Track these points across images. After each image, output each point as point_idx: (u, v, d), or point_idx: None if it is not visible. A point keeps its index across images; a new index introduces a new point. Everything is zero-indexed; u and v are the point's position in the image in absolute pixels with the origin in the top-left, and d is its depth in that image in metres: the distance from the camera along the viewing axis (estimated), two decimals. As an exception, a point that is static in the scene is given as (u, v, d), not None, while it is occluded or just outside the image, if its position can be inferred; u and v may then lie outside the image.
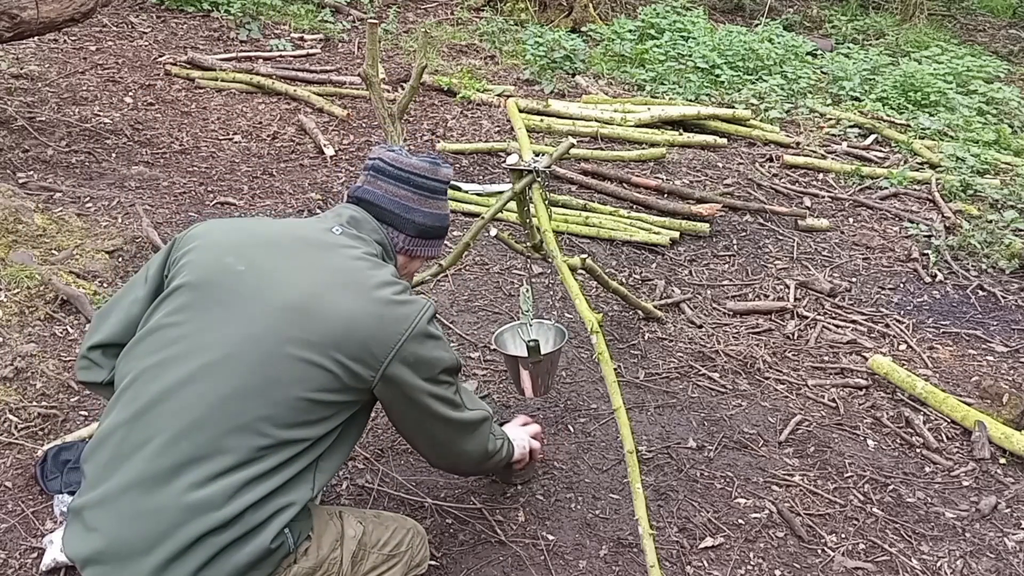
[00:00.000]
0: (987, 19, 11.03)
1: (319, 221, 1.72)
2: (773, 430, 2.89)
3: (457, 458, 1.88)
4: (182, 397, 1.43)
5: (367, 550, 1.72)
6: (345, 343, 1.50)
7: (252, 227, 1.69)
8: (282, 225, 1.72)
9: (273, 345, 1.47)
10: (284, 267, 1.55)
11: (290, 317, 1.49)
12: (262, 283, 1.52)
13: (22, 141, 4.46)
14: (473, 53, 7.14)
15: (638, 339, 3.36)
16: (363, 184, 1.79)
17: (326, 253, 1.60)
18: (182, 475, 1.38)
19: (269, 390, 1.45)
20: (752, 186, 4.93)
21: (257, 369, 1.45)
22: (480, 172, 4.80)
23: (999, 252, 4.25)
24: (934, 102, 6.67)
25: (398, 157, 1.80)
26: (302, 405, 1.47)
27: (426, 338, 1.61)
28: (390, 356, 1.55)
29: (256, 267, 1.54)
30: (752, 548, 2.38)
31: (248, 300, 1.50)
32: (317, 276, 1.55)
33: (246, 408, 1.43)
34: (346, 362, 1.50)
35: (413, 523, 1.89)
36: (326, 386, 1.49)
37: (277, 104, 5.53)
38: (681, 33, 7.79)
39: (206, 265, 1.55)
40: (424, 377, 1.62)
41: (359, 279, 1.57)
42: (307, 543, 1.57)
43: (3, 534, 2.22)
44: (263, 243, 1.60)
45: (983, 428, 2.85)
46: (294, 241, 1.61)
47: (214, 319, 1.49)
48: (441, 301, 3.50)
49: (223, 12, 6.97)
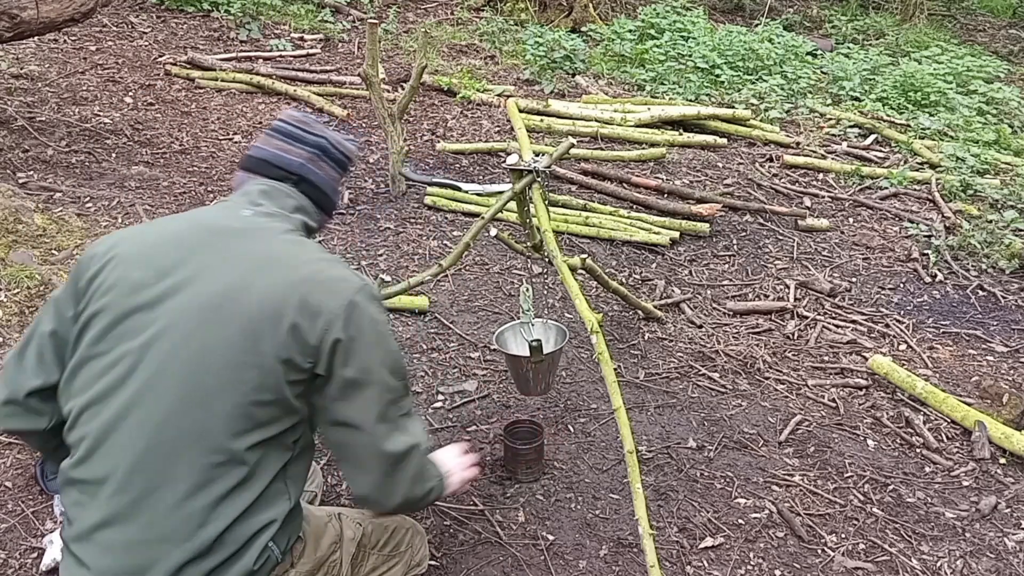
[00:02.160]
0: (987, 19, 11.03)
1: (226, 206, 1.55)
2: (773, 430, 2.89)
3: (391, 467, 1.51)
4: (124, 430, 1.35)
5: (367, 551, 1.72)
6: (275, 332, 1.36)
7: (156, 231, 1.51)
8: (187, 220, 1.53)
9: (196, 355, 1.35)
10: (195, 268, 1.41)
11: (209, 321, 1.36)
12: (175, 291, 1.39)
13: (22, 141, 4.46)
14: (473, 53, 7.14)
15: (638, 339, 3.36)
16: (305, 162, 1.61)
17: (237, 240, 1.45)
18: (144, 510, 1.34)
19: (205, 403, 1.34)
20: (752, 186, 4.93)
21: (186, 384, 1.34)
22: (480, 172, 4.80)
23: (999, 252, 4.25)
24: (934, 102, 6.67)
25: (341, 140, 1.67)
26: (243, 411, 1.35)
27: (373, 300, 1.46)
28: (334, 323, 1.39)
29: (167, 275, 1.40)
30: (752, 548, 2.38)
31: (163, 313, 1.38)
32: (231, 269, 1.41)
33: (185, 428, 1.34)
34: (281, 352, 1.36)
35: (412, 522, 1.88)
36: (264, 384, 1.36)
37: (277, 104, 5.53)
38: (681, 33, 7.79)
39: (116, 285, 1.41)
40: (376, 356, 1.44)
41: (281, 259, 1.44)
42: (299, 545, 1.54)
43: (3, 534, 2.22)
44: (171, 246, 1.45)
45: (983, 428, 2.84)
46: (202, 235, 1.46)
47: (135, 342, 1.37)
48: (441, 301, 3.50)
49: (223, 12, 6.97)
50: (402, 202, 4.34)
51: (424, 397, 2.93)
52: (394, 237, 4.00)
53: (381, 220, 4.15)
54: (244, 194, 1.57)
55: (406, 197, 4.39)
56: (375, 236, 4.00)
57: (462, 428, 2.80)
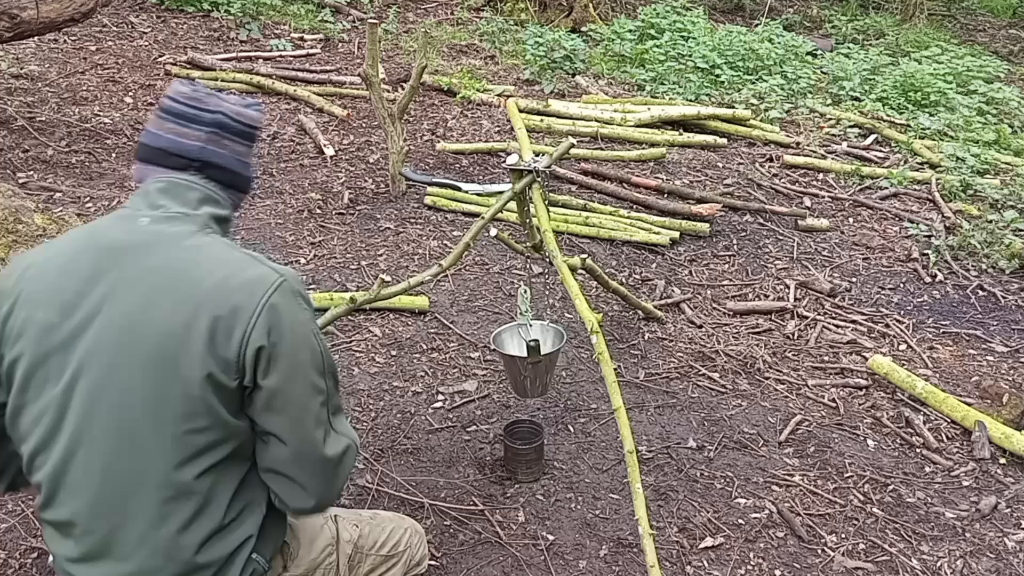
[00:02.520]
0: (987, 19, 11.03)
1: (124, 215, 1.41)
2: (773, 430, 2.89)
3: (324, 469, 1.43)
4: (73, 476, 1.32)
5: (364, 553, 1.71)
6: (189, 353, 1.27)
7: (57, 262, 1.38)
8: (85, 240, 1.38)
9: (117, 395, 1.28)
10: (98, 299, 1.31)
11: (120, 356, 1.29)
12: (83, 329, 1.31)
13: (22, 141, 4.46)
14: (473, 53, 7.14)
15: (638, 339, 3.36)
16: (205, 144, 1.44)
17: (136, 259, 1.33)
18: (114, 547, 1.32)
19: (139, 442, 1.28)
20: (752, 186, 4.93)
21: (116, 426, 1.28)
22: (480, 172, 4.80)
23: (999, 252, 4.25)
24: (934, 102, 6.67)
25: (240, 110, 1.48)
26: (180, 442, 1.29)
27: (294, 296, 1.35)
28: (252, 332, 1.29)
29: (71, 312, 1.31)
30: (752, 548, 2.38)
31: (76, 355, 1.30)
32: (133, 295, 1.31)
33: (127, 468, 1.29)
34: (200, 371, 1.27)
35: (411, 522, 1.88)
36: (193, 411, 1.28)
37: (277, 104, 5.53)
38: (681, 33, 7.79)
39: (25, 330, 1.33)
40: (301, 358, 1.34)
41: (185, 273, 1.32)
42: (290, 548, 1.53)
43: (3, 534, 2.22)
44: (71, 278, 1.34)
45: (983, 428, 2.84)
46: (101, 259, 1.34)
47: (56, 388, 1.31)
48: (441, 301, 3.50)
49: (223, 12, 6.97)
50: (402, 202, 4.34)
51: (424, 397, 2.94)
52: (394, 237, 4.00)
53: (381, 220, 4.15)
54: (143, 195, 1.42)
55: (406, 197, 4.39)
56: (375, 236, 4.00)
57: (462, 428, 2.80)
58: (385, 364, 3.09)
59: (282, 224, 4.03)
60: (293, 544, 1.55)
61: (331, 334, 3.16)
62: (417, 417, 2.83)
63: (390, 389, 2.96)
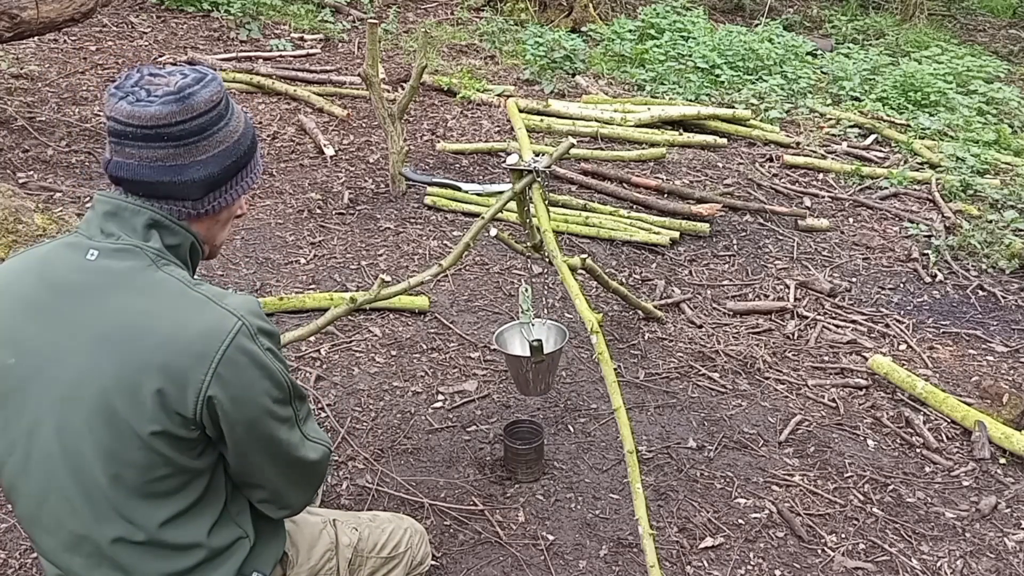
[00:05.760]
0: (987, 19, 11.02)
1: (72, 244, 1.31)
2: (773, 430, 2.89)
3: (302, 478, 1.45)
4: (44, 522, 1.31)
5: (364, 556, 1.71)
6: (140, 411, 1.23)
7: (6, 296, 1.32)
8: (36, 273, 1.31)
9: (74, 452, 1.25)
10: (47, 345, 1.27)
11: (71, 414, 1.25)
12: (37, 374, 1.27)
13: (22, 141, 4.46)
14: (473, 53, 7.14)
15: (638, 339, 3.36)
16: (112, 156, 1.31)
17: (82, 306, 1.26)
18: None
19: (101, 496, 1.26)
20: (752, 186, 4.93)
21: (77, 481, 1.26)
22: (480, 172, 4.80)
23: (999, 252, 4.25)
24: (934, 102, 6.67)
25: (133, 110, 1.26)
26: (144, 493, 1.27)
27: (250, 339, 1.28)
28: (208, 387, 1.23)
29: (24, 352, 1.27)
30: (752, 548, 2.38)
31: (33, 402, 1.27)
32: (79, 349, 1.25)
33: (95, 521, 1.28)
34: (153, 426, 1.23)
35: (411, 522, 1.88)
36: (152, 462, 1.25)
37: (277, 104, 5.53)
38: (681, 33, 7.79)
39: None
40: (259, 398, 1.29)
41: (133, 325, 1.25)
42: (289, 555, 1.54)
43: (3, 534, 2.22)
44: (22, 316, 1.29)
45: (983, 428, 2.85)
46: (49, 299, 1.28)
47: (20, 429, 1.28)
48: (441, 301, 3.50)
49: (223, 12, 6.96)
50: (402, 202, 4.34)
51: (424, 397, 2.94)
52: (394, 237, 4.00)
53: (381, 220, 4.15)
54: (94, 218, 1.32)
55: (406, 197, 4.39)
56: (375, 236, 4.00)
57: (462, 428, 2.80)
58: (385, 364, 3.09)
59: (282, 224, 4.03)
60: (292, 552, 1.55)
61: (331, 334, 3.16)
62: (417, 417, 2.83)
63: (390, 389, 2.96)
